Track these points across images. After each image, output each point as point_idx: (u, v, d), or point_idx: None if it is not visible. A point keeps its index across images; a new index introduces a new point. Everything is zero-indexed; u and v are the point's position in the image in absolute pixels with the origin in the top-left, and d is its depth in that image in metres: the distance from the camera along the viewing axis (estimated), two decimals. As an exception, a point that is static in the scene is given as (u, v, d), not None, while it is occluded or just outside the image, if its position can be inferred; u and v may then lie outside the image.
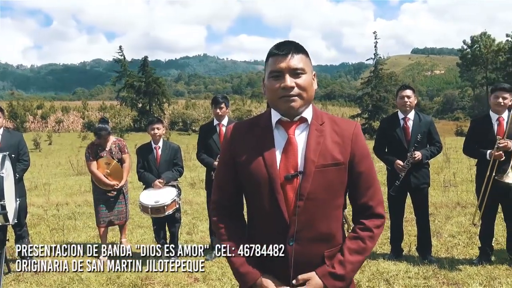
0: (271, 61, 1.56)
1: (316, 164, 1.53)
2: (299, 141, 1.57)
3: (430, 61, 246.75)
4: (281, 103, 1.53)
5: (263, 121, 1.64)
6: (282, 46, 1.55)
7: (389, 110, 40.79)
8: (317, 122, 1.60)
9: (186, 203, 7.79)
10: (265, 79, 1.59)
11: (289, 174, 1.53)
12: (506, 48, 55.63)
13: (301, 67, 1.53)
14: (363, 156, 1.61)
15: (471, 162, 6.83)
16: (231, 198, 1.68)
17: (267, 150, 1.56)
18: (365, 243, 1.58)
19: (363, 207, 1.62)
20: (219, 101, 4.78)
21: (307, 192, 1.51)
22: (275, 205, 1.53)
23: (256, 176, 1.55)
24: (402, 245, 4.71)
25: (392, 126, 4.44)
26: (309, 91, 1.56)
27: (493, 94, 4.16)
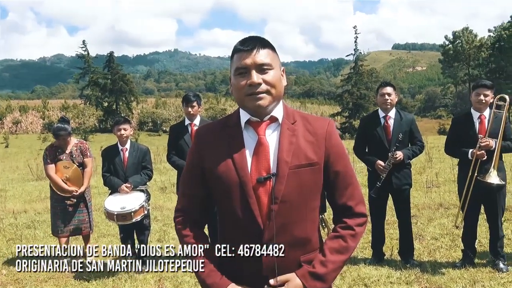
0: (236, 58, 1.56)
1: (289, 165, 1.53)
2: (270, 142, 1.58)
3: (412, 57, 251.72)
4: (249, 101, 1.54)
5: (232, 122, 1.64)
6: (246, 42, 1.56)
7: (370, 108, 41.42)
8: (288, 121, 1.61)
9: (156, 209, 7.72)
10: (231, 77, 1.60)
11: (261, 176, 1.53)
12: (488, 43, 57.23)
13: (268, 62, 1.54)
14: (339, 154, 1.63)
15: (453, 162, 7.02)
16: (197, 207, 1.66)
17: (236, 152, 1.57)
18: (347, 242, 1.59)
19: (343, 208, 1.63)
20: (190, 99, 4.75)
21: (281, 194, 1.52)
22: (248, 210, 1.53)
23: (226, 181, 1.55)
24: (384, 249, 4.78)
25: (372, 125, 4.51)
26: (277, 88, 1.56)
27: (474, 91, 4.26)
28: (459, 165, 4.47)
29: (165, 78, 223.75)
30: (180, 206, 1.68)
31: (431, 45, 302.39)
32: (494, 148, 4.11)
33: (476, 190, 4.17)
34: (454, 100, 72.16)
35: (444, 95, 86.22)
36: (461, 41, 59.33)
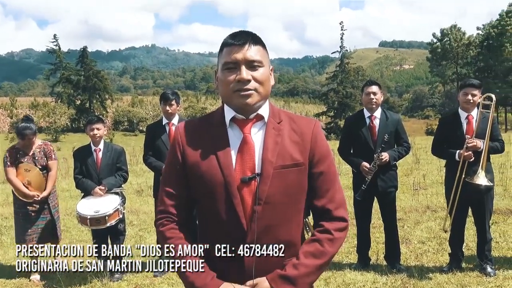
0: (225, 52, 1.57)
1: (274, 165, 1.55)
2: (255, 141, 1.59)
3: (399, 54, 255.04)
4: (236, 98, 1.55)
5: (216, 119, 1.64)
6: (238, 36, 1.57)
7: (356, 108, 41.79)
8: (274, 120, 1.62)
9: (131, 213, 7.66)
10: (218, 72, 1.60)
11: (246, 176, 1.54)
12: (477, 41, 58.25)
13: (259, 59, 1.55)
14: (323, 155, 1.64)
15: (441, 163, 7.14)
16: (181, 207, 1.64)
17: (221, 150, 1.57)
18: (323, 246, 1.59)
19: (323, 210, 1.64)
20: (169, 97, 4.73)
21: (265, 195, 1.53)
22: (232, 211, 1.53)
23: (210, 180, 1.55)
24: (370, 253, 4.83)
25: (357, 125, 4.55)
26: (266, 86, 1.58)
27: (462, 91, 4.34)
28: (446, 166, 4.54)
29: (141, 75, 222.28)
30: (164, 207, 1.64)
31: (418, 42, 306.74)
32: (482, 149, 4.18)
33: (464, 192, 4.24)
34: (442, 99, 73.30)
35: (432, 94, 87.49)
36: (449, 39, 60.22)
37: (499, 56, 51.80)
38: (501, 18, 53.61)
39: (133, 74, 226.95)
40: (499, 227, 5.88)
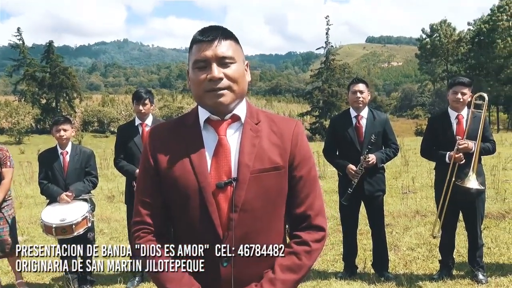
0: (195, 49, 1.56)
1: (251, 169, 1.54)
2: (231, 143, 1.58)
3: (387, 51, 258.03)
4: (209, 98, 1.54)
5: (189, 121, 1.63)
6: (207, 31, 1.55)
7: (342, 107, 42.17)
8: (252, 121, 1.61)
9: (102, 221, 7.59)
10: (189, 71, 1.59)
11: (221, 181, 1.52)
12: (467, 37, 59.30)
13: (230, 55, 1.54)
14: (304, 159, 1.64)
15: (431, 166, 7.26)
16: (157, 216, 1.62)
17: (195, 154, 1.56)
18: (301, 260, 1.58)
19: (301, 217, 1.63)
20: (142, 96, 4.70)
21: (241, 202, 1.52)
22: (207, 219, 1.52)
23: (184, 185, 1.54)
24: (357, 261, 4.86)
25: (343, 126, 4.57)
26: (240, 83, 1.57)
27: (452, 89, 4.40)
28: (436, 169, 4.59)
29: (113, 71, 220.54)
30: (140, 218, 1.61)
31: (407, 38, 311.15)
32: (473, 150, 4.24)
33: (454, 196, 4.29)
34: (432, 98, 74.33)
35: (422, 93, 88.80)
36: (439, 35, 61.18)
37: (490, 53, 52.81)
38: (493, 13, 54.69)
39: (104, 71, 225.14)
40: (491, 232, 5.98)
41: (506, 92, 51.76)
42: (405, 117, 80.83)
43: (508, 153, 14.09)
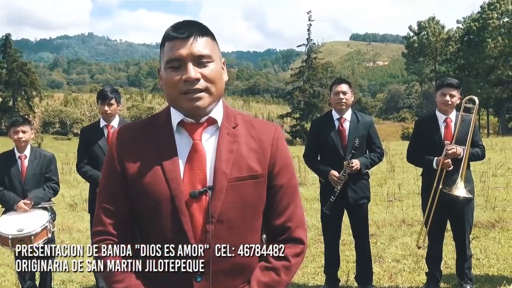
0: (168, 47, 1.54)
1: (228, 177, 1.53)
2: (207, 148, 1.57)
3: (372, 49, 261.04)
4: (184, 101, 1.52)
5: (161, 123, 1.61)
6: (181, 27, 1.53)
7: (324, 108, 42.45)
8: (229, 125, 1.61)
9: (63, 231, 7.50)
10: (162, 71, 1.57)
11: (195, 190, 1.51)
12: (456, 36, 60.41)
13: (207, 54, 1.53)
14: (285, 166, 1.64)
15: (418, 172, 7.36)
16: (122, 226, 1.59)
17: (167, 159, 1.54)
18: (279, 276, 1.58)
19: (280, 229, 1.63)
20: (107, 96, 4.66)
21: (218, 212, 1.51)
22: (179, 230, 1.51)
23: (154, 194, 1.52)
24: (339, 273, 4.88)
25: (325, 129, 4.60)
26: (218, 84, 1.56)
27: (440, 91, 4.47)
28: (422, 175, 4.65)
29: (76, 68, 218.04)
30: (102, 228, 1.58)
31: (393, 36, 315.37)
32: (462, 156, 4.31)
33: (441, 204, 4.35)
34: (419, 100, 75.45)
35: (409, 94, 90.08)
36: (426, 33, 62.16)
37: (480, 52, 53.89)
38: (483, 11, 55.89)
39: (67, 67, 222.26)
40: (480, 242, 6.09)
41: (497, 94, 52.83)
42: (391, 119, 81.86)
43: (498, 159, 14.39)
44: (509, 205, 8.16)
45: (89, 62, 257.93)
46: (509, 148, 19.56)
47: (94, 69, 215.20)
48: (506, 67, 51.94)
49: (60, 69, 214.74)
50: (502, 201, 8.41)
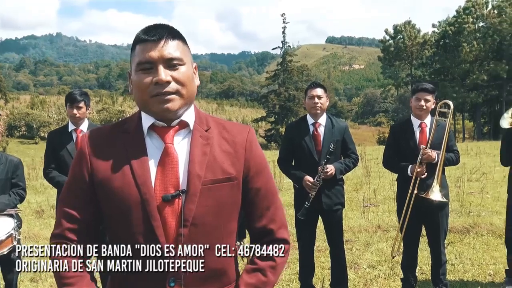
0: (138, 50, 1.55)
1: (202, 180, 1.54)
2: (179, 152, 1.58)
3: (348, 53, 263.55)
4: (155, 104, 1.53)
5: (131, 126, 1.62)
6: (152, 30, 1.55)
7: (300, 112, 42.68)
8: (201, 128, 1.62)
9: (29, 239, 7.36)
10: (132, 74, 1.58)
11: (168, 194, 1.52)
12: (432, 40, 61.37)
13: (178, 57, 1.55)
14: (260, 167, 1.67)
15: (393, 177, 7.48)
16: (83, 233, 1.59)
17: (137, 163, 1.55)
18: (266, 276, 1.61)
19: (262, 232, 1.66)
20: (76, 99, 4.62)
21: (192, 216, 1.52)
22: (151, 236, 1.51)
23: (124, 198, 1.52)
24: (314, 280, 4.91)
25: (299, 134, 4.62)
26: (189, 87, 1.57)
27: (414, 96, 4.54)
28: (398, 180, 4.72)
29: (44, 69, 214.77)
30: (60, 231, 1.58)
31: (370, 39, 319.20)
32: (437, 161, 4.39)
33: (416, 210, 4.42)
34: (395, 104, 76.47)
35: (385, 98, 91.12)
36: (402, 37, 62.96)
37: (456, 57, 54.82)
38: (458, 15, 56.90)
39: (33, 68, 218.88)
40: (455, 248, 6.20)
41: (472, 99, 53.78)
42: (367, 124, 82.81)
43: (473, 163, 14.69)
44: (483, 210, 8.33)
45: (57, 63, 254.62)
46: (484, 153, 19.98)
47: (62, 71, 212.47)
48: (481, 71, 52.88)
49: (27, 70, 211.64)
50: (477, 206, 8.59)
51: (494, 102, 57.08)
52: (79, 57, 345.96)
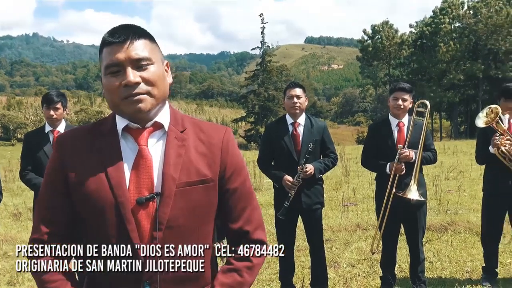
0: (105, 52, 1.53)
1: (177, 183, 1.53)
2: (154, 154, 1.56)
3: (327, 53, 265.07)
4: (126, 106, 1.51)
5: (106, 129, 1.60)
6: (117, 32, 1.53)
7: (279, 112, 42.79)
8: (176, 129, 1.61)
9: (6, 242, 7.27)
10: (102, 77, 1.56)
11: (142, 197, 1.50)
12: (410, 40, 62.03)
13: (146, 56, 1.52)
14: (237, 169, 1.65)
15: (372, 176, 7.56)
16: (60, 236, 1.57)
17: (111, 166, 1.53)
18: (242, 276, 1.60)
19: (239, 234, 1.65)
20: (52, 100, 4.56)
21: (166, 219, 1.51)
22: (125, 238, 1.49)
23: (98, 201, 1.50)
24: (294, 280, 4.92)
25: (279, 134, 4.63)
26: (160, 86, 1.55)
27: (392, 95, 4.58)
28: (376, 179, 4.76)
29: (20, 70, 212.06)
30: (38, 236, 1.56)
31: (348, 40, 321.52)
32: (415, 160, 4.44)
33: (395, 208, 4.46)
34: (374, 104, 77.08)
35: (363, 98, 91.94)
36: (380, 37, 63.51)
37: (433, 57, 55.50)
38: (435, 15, 57.61)
39: (9, 69, 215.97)
40: (433, 246, 6.27)
41: (449, 98, 54.50)
42: (346, 123, 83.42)
43: (450, 162, 14.88)
44: (461, 208, 8.44)
45: (33, 63, 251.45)
46: (461, 152, 20.26)
47: (39, 71, 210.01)
48: (458, 71, 53.62)
49: (3, 71, 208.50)
50: (454, 204, 8.69)
51: (470, 101, 57.96)
52: (56, 58, 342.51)
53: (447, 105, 57.78)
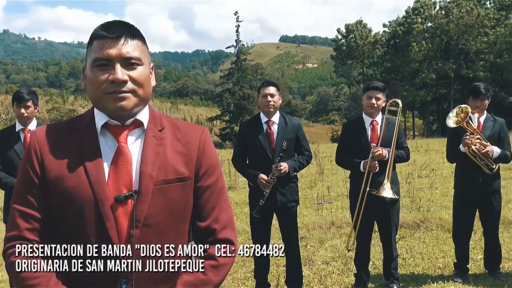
0: (96, 46, 1.53)
1: (155, 181, 1.53)
2: (133, 151, 1.57)
3: (302, 51, 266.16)
4: (109, 101, 1.51)
5: (84, 125, 1.59)
6: (112, 27, 1.54)
7: (255, 111, 42.85)
8: (155, 127, 1.61)
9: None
10: (87, 69, 1.56)
11: (121, 194, 1.50)
12: (383, 40, 62.64)
13: (137, 56, 1.54)
14: (211, 167, 1.66)
15: (347, 174, 7.60)
16: (41, 232, 1.54)
17: (91, 162, 1.52)
18: (206, 275, 1.58)
19: (206, 231, 1.64)
20: (23, 98, 4.49)
21: (144, 216, 1.51)
22: (103, 236, 1.49)
23: (77, 198, 1.49)
24: (269, 278, 4.94)
25: (253, 132, 4.63)
26: (146, 88, 1.57)
27: (366, 94, 4.63)
28: (350, 177, 4.80)
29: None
30: (17, 232, 1.52)
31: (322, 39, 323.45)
32: (388, 158, 4.49)
33: (368, 206, 4.51)
34: (348, 102, 77.60)
35: (337, 96, 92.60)
36: (354, 36, 64.01)
37: (406, 56, 56.07)
38: (408, 15, 58.26)
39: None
40: (406, 242, 6.36)
41: (422, 97, 55.18)
42: (320, 122, 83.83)
43: (423, 160, 15.08)
44: (433, 206, 8.57)
45: (4, 61, 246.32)
46: (434, 150, 20.55)
47: (10, 69, 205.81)
48: (430, 70, 54.32)
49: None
50: (426, 202, 8.82)
51: (442, 100, 58.78)
52: (27, 55, 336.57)
53: (419, 104, 58.48)
